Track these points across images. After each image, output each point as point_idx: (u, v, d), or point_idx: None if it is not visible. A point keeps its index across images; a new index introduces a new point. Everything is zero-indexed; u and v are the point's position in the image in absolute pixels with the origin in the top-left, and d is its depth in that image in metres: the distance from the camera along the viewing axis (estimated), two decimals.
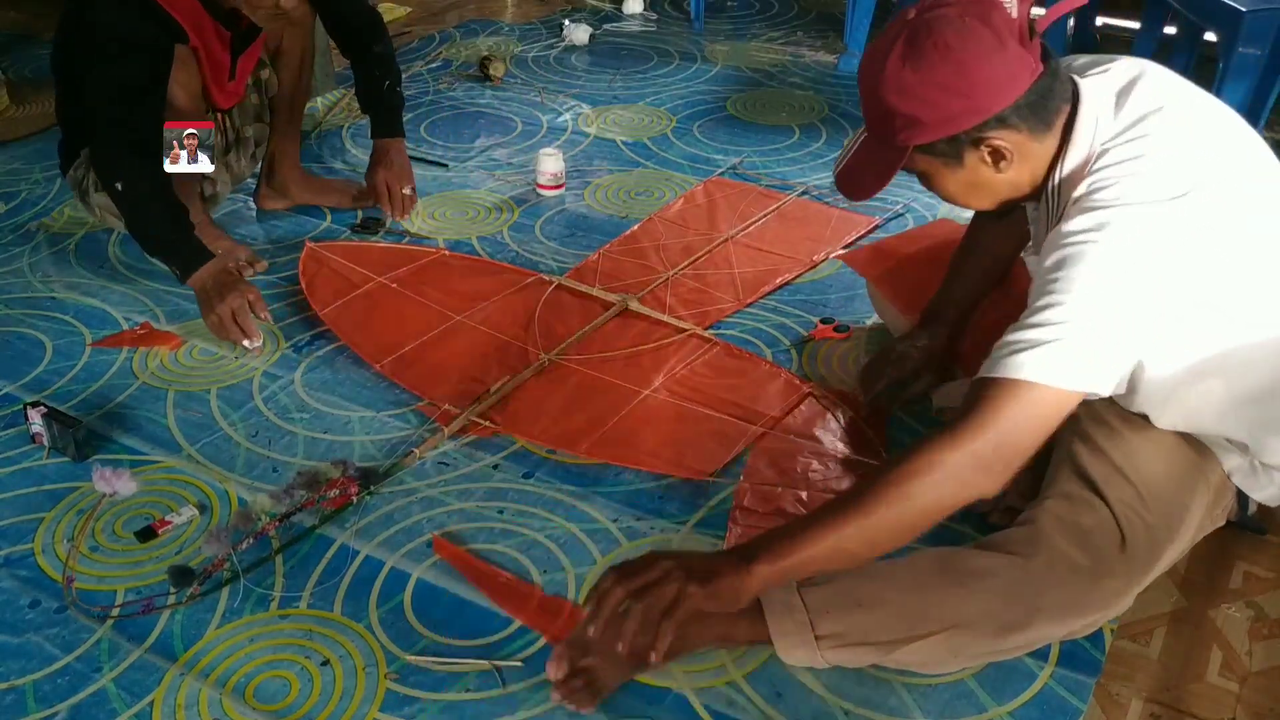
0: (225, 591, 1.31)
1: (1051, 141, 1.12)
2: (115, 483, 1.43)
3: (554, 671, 1.15)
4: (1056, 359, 1.02)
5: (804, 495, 1.45)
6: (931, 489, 1.04)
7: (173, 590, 1.30)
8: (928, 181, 1.17)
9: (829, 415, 1.61)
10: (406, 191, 2.11)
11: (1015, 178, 1.14)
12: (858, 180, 1.17)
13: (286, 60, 2.08)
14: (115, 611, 1.28)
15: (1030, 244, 1.23)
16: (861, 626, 1.15)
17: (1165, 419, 1.21)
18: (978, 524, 1.37)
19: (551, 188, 2.33)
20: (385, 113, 2.12)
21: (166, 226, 1.74)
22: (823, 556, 1.05)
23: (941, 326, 1.55)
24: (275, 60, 2.08)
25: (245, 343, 1.74)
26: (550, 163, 2.32)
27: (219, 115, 2.02)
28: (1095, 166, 1.09)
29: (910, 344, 1.56)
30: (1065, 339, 1.02)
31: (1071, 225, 1.06)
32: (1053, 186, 1.13)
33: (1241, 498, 1.31)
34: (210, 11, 1.80)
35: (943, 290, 1.56)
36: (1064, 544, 1.16)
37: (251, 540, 1.33)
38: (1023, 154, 1.11)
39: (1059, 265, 1.05)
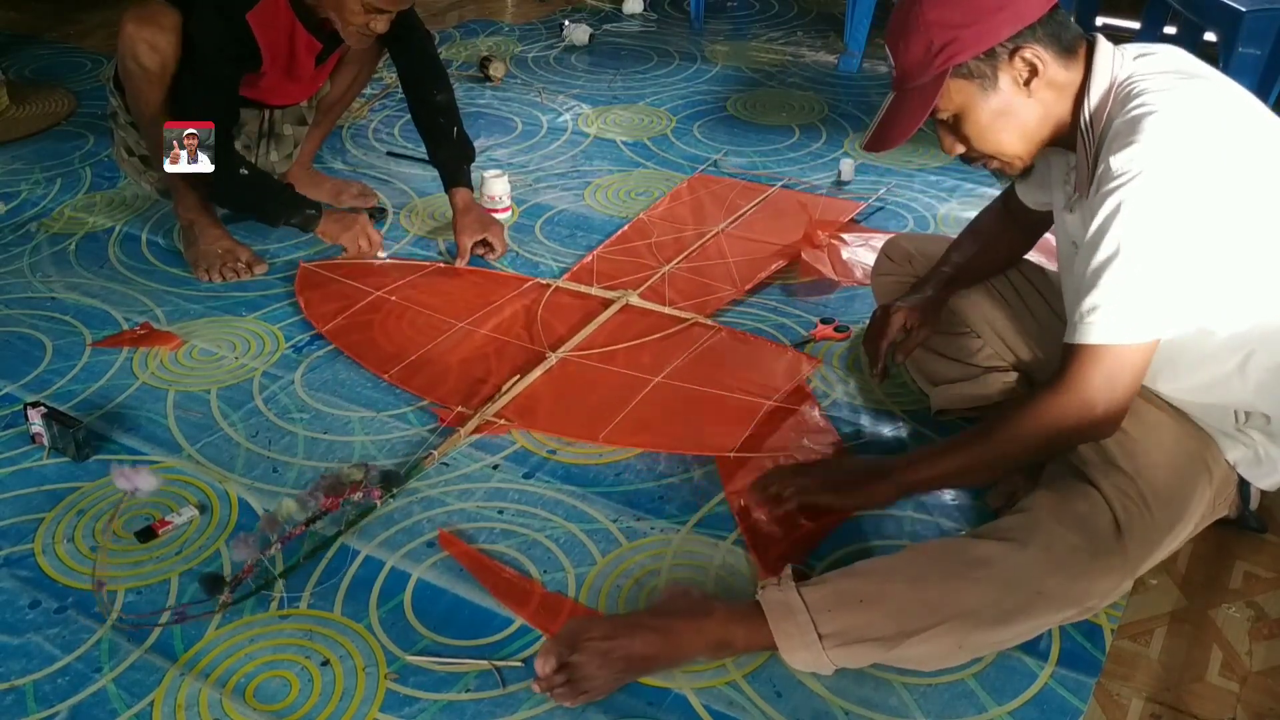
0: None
1: (1074, 75, 1.17)
2: (135, 480, 1.42)
3: (541, 666, 1.15)
4: (1121, 318, 1.10)
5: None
6: (1045, 435, 1.18)
7: (177, 611, 1.30)
8: (958, 125, 1.20)
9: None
10: (495, 244, 2.06)
11: (1043, 107, 1.18)
12: (890, 131, 1.21)
13: (345, 71, 2.17)
14: (158, 621, 1.28)
15: (1070, 199, 1.24)
16: (864, 622, 1.15)
17: (1189, 382, 1.22)
18: (978, 519, 1.37)
19: (496, 211, 2.19)
20: (454, 162, 2.08)
21: (276, 196, 1.95)
22: (951, 474, 1.28)
23: (931, 288, 1.56)
24: (334, 68, 2.14)
25: (380, 253, 2.04)
26: (493, 185, 2.19)
27: (268, 109, 2.12)
28: (1123, 91, 1.14)
29: (900, 303, 1.56)
30: (1126, 297, 1.10)
31: (1115, 162, 1.09)
32: (1085, 122, 1.17)
33: (1243, 494, 1.32)
34: (303, 21, 1.88)
35: (937, 269, 1.57)
36: (1059, 528, 1.17)
37: (279, 546, 1.33)
38: (1051, 77, 1.16)
39: (1110, 215, 1.09)
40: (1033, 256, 1.57)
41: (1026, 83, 1.15)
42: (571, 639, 1.15)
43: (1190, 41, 2.71)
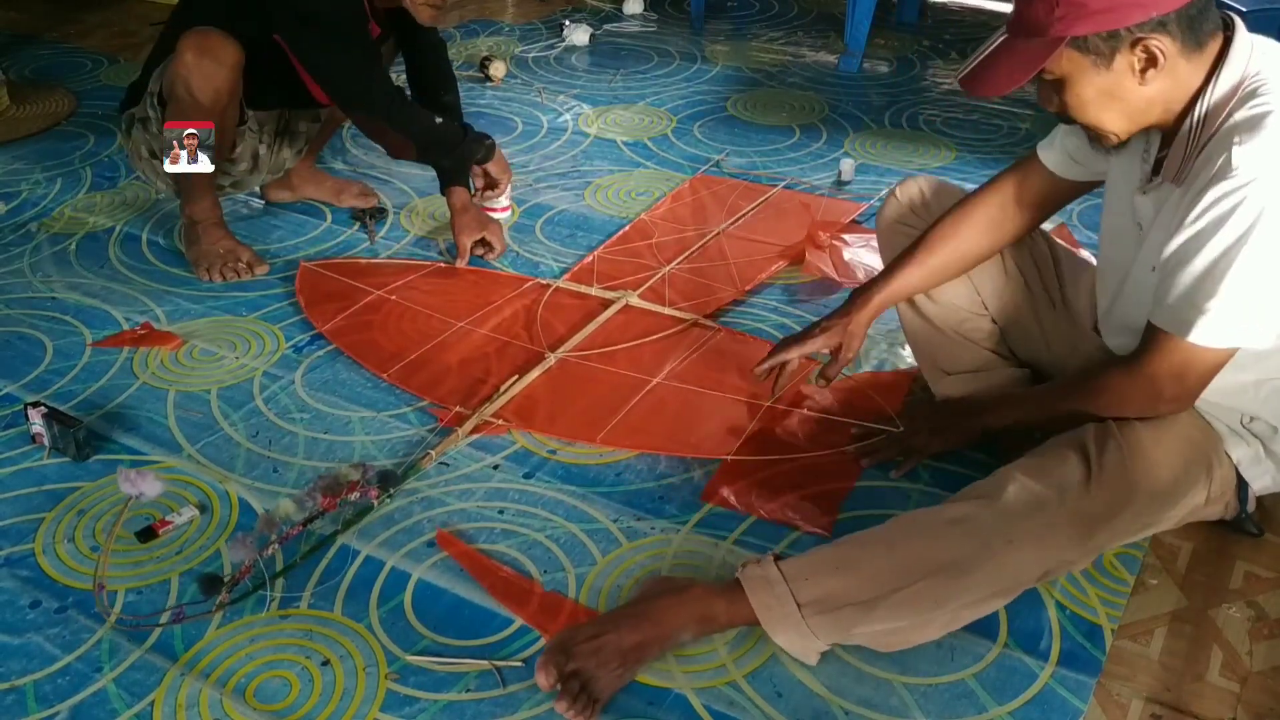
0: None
1: (1198, 67, 1.12)
2: (140, 484, 1.42)
3: (544, 681, 1.15)
4: (1222, 324, 1.11)
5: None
6: (1110, 403, 1.24)
7: (175, 611, 1.30)
8: (1060, 89, 1.15)
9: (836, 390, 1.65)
10: (494, 243, 2.06)
11: (1154, 95, 1.13)
12: (991, 77, 1.15)
13: None
14: (154, 622, 1.28)
15: (1146, 181, 1.21)
16: (842, 588, 1.15)
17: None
18: None
19: (496, 211, 2.17)
20: (455, 162, 2.06)
21: (459, 135, 2.00)
22: (1026, 422, 1.36)
23: (863, 299, 1.48)
24: None
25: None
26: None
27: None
28: (1249, 88, 1.09)
29: (827, 322, 1.50)
30: (1231, 304, 1.09)
31: (1236, 157, 1.06)
32: (1201, 113, 1.12)
33: (1241, 496, 1.32)
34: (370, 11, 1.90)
35: (888, 272, 1.48)
36: (1028, 480, 1.18)
37: (277, 545, 1.33)
38: (1171, 69, 1.10)
39: (1225, 214, 1.07)
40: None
41: (1143, 70, 1.10)
42: (563, 648, 1.16)
43: None
